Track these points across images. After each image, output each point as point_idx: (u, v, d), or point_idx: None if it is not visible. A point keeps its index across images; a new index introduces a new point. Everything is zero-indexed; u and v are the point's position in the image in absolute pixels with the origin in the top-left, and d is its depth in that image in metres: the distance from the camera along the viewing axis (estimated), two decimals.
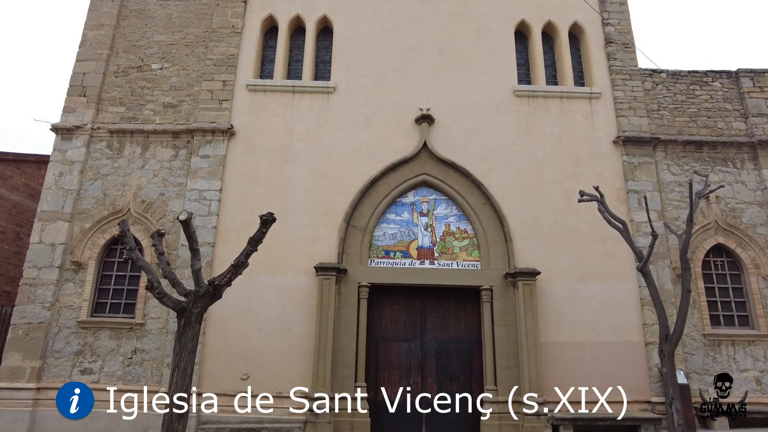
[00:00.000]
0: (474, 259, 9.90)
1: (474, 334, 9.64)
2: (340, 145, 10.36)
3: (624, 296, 9.61)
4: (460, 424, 9.02)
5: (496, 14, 11.41)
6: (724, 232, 9.99)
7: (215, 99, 10.60)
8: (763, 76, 11.03)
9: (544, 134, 10.56)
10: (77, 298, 9.46)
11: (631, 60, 11.14)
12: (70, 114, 10.48)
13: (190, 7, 11.51)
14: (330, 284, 9.18)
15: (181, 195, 10.01)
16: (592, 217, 9.36)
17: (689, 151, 10.52)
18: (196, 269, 6.39)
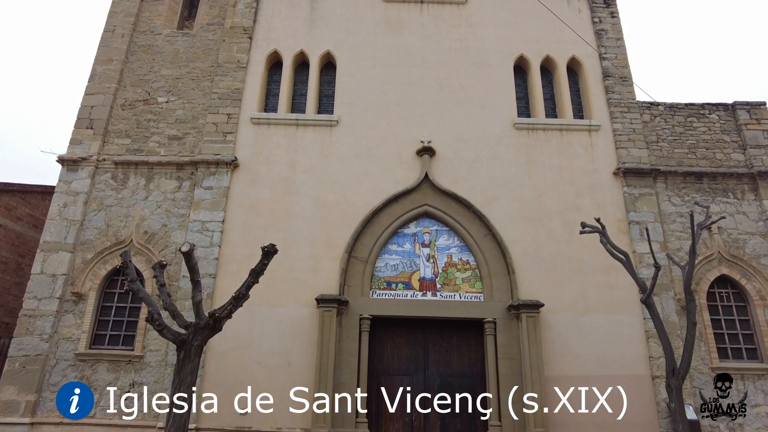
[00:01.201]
0: (477, 290, 9.83)
1: (477, 368, 9.48)
2: (342, 177, 10.46)
3: (629, 328, 9.48)
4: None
5: (495, 50, 11.70)
6: (728, 263, 9.93)
7: (220, 131, 10.77)
8: (759, 108, 11.20)
9: (545, 166, 10.66)
10: (76, 330, 9.38)
11: (628, 93, 11.34)
12: (77, 146, 10.64)
13: (196, 43, 11.84)
14: (331, 316, 9.09)
15: (184, 226, 10.05)
16: (594, 248, 9.32)
17: (689, 182, 10.58)
18: (197, 301, 6.36)
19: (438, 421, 9.05)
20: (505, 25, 11.95)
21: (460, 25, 11.92)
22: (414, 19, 11.95)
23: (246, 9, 11.95)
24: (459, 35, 11.81)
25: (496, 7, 12.13)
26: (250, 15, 11.89)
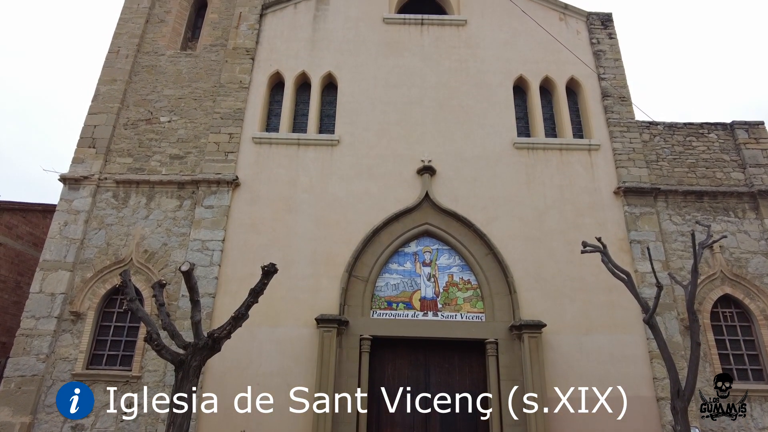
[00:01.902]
0: (478, 310, 9.75)
1: (479, 389, 9.34)
2: (343, 196, 10.47)
3: (632, 349, 9.37)
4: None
5: (494, 70, 11.83)
6: (731, 282, 9.87)
7: (221, 151, 10.82)
8: (757, 128, 11.26)
9: (545, 185, 10.67)
10: (74, 350, 9.28)
11: (627, 113, 11.42)
12: (79, 165, 10.69)
13: (199, 64, 11.99)
14: (331, 337, 9.00)
15: (184, 245, 10.03)
16: (596, 267, 9.28)
17: (690, 201, 10.58)
18: (196, 321, 6.31)
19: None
20: (505, 46, 12.11)
21: (459, 46, 12.08)
22: (414, 41, 12.12)
23: (249, 30, 12.14)
24: (459, 56, 11.96)
25: (495, 28, 12.31)
26: (253, 36, 12.07)
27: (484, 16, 12.45)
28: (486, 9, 12.54)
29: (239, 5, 12.50)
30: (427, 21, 12.33)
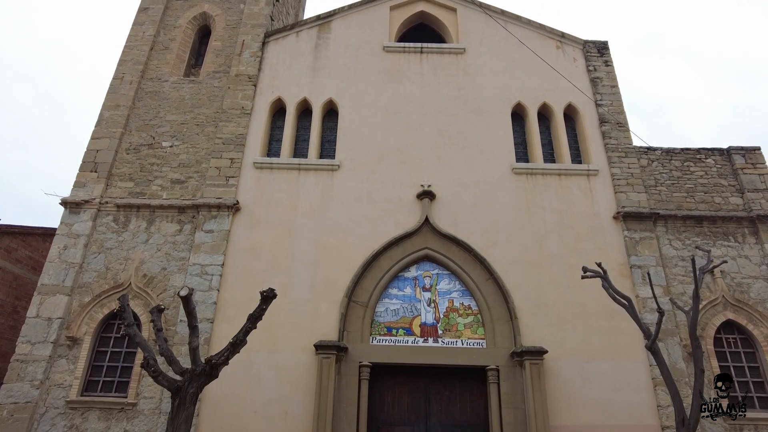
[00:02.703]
0: (479, 336, 9.65)
1: (481, 417, 9.17)
2: (343, 220, 10.49)
3: (635, 375, 9.24)
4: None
5: (493, 97, 12.00)
6: (733, 307, 9.80)
7: (222, 176, 10.90)
8: (754, 153, 11.36)
9: (545, 210, 10.70)
10: (68, 376, 9.15)
11: (625, 138, 11.54)
12: (81, 189, 10.74)
13: (202, 90, 12.18)
14: (330, 363, 8.89)
15: (184, 269, 9.99)
16: (597, 292, 9.23)
17: (689, 225, 10.60)
18: (193, 347, 6.24)
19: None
20: (503, 73, 12.32)
21: (458, 73, 12.30)
22: (414, 69, 12.34)
23: (251, 58, 12.37)
24: (457, 83, 12.16)
25: (493, 56, 12.55)
26: (255, 64, 12.29)
27: (483, 44, 12.71)
28: (484, 38, 12.81)
29: (242, 33, 12.78)
30: (426, 49, 12.58)
